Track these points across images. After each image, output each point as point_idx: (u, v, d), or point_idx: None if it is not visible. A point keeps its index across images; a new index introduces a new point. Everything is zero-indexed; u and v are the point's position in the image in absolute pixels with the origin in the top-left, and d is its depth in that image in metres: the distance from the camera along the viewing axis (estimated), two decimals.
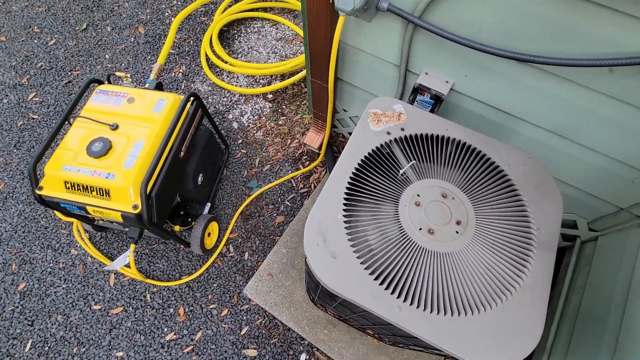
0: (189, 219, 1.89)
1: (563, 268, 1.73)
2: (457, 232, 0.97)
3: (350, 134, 2.18)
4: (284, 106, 2.42)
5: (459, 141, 1.10)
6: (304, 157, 2.22)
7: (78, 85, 2.53)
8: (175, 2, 2.92)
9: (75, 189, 1.45)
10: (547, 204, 1.02)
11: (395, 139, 1.09)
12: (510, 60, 1.15)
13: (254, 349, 1.75)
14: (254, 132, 2.33)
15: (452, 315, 0.86)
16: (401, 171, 1.06)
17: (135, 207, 1.43)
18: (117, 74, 1.76)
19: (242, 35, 2.76)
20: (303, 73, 2.44)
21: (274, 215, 2.06)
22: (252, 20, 2.83)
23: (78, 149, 1.49)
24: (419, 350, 1.41)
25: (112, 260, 1.94)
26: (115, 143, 1.50)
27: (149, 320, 1.82)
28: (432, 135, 1.11)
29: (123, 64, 2.62)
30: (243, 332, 1.79)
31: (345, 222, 0.97)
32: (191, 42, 2.72)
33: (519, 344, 0.84)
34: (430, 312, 0.86)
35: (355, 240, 0.96)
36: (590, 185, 1.43)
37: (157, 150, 1.49)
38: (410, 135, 1.10)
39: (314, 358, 1.72)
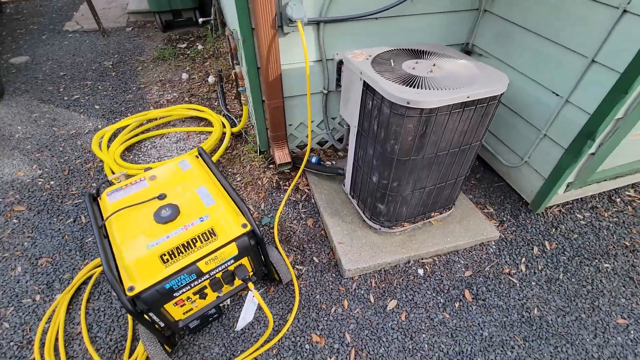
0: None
1: None
2: (434, 69, 1.74)
3: (297, 146, 2.70)
4: (229, 169, 2.67)
5: (407, 49, 1.92)
6: (282, 182, 2.53)
7: None
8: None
9: (176, 255, 1.33)
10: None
11: (374, 57, 1.80)
12: (384, 18, 2.11)
13: (390, 300, 1.84)
14: None
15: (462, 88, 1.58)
16: (392, 65, 1.76)
17: (244, 225, 1.45)
18: (110, 178, 1.67)
19: (141, 156, 2.84)
20: (226, 142, 2.81)
21: (304, 222, 2.24)
22: (137, 143, 2.96)
23: (144, 229, 1.38)
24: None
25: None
26: (178, 202, 1.48)
27: None
28: (388, 50, 1.88)
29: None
30: (372, 300, 1.85)
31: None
32: (94, 184, 2.57)
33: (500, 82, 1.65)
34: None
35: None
36: None
37: (221, 182, 1.58)
38: (378, 54, 1.83)
39: (428, 267, 2.00)
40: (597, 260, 2.07)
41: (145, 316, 1.34)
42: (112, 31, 4.93)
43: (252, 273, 1.64)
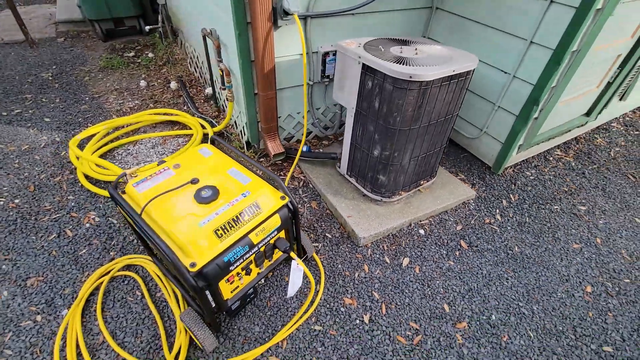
0: None
1: None
2: (417, 52, 2.03)
3: (285, 139, 2.81)
4: None
5: (389, 38, 2.18)
6: (275, 173, 2.61)
7: None
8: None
9: (229, 229, 1.37)
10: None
11: (364, 44, 2.03)
12: (359, 14, 2.36)
13: (403, 258, 2.06)
14: None
15: (446, 64, 1.90)
16: (382, 50, 2.01)
17: (283, 197, 1.54)
18: (128, 172, 1.60)
19: (116, 164, 2.68)
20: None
21: (308, 205, 2.36)
22: (109, 152, 2.78)
23: (188, 210, 1.39)
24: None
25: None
26: (214, 184, 1.51)
27: (354, 330, 1.69)
28: (374, 39, 2.12)
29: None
30: (388, 261, 2.04)
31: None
32: (70, 196, 2.36)
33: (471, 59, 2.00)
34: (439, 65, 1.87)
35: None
36: None
37: (247, 162, 1.64)
38: (367, 42, 2.07)
39: (427, 227, 2.26)
40: (549, 204, 2.55)
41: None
42: (40, 42, 4.47)
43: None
